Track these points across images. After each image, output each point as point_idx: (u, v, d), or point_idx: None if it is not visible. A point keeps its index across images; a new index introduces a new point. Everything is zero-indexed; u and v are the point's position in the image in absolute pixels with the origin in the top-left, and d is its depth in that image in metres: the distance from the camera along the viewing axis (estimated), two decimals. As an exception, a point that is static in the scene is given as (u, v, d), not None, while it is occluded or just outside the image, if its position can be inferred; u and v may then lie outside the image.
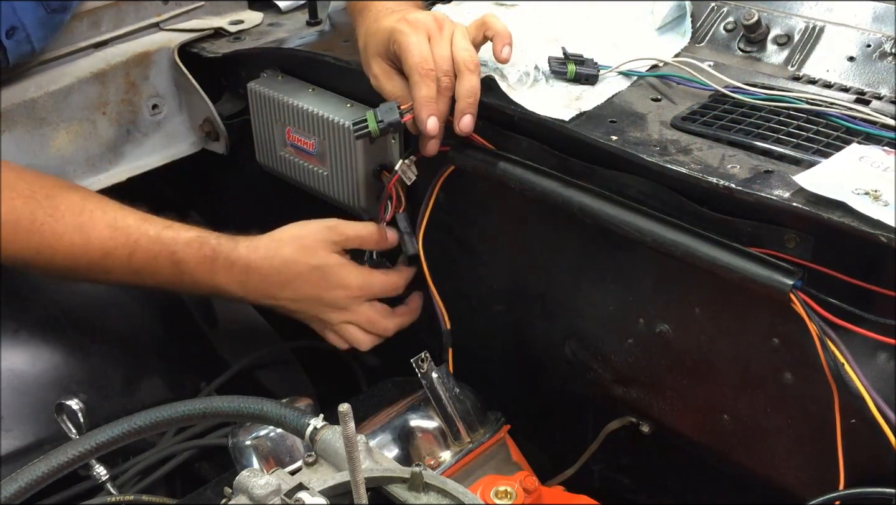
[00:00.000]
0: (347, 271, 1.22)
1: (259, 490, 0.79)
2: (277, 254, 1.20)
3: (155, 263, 1.20)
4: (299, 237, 1.22)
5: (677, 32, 1.28)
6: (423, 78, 1.09)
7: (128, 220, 1.20)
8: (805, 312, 0.90)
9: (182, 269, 1.20)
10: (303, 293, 1.22)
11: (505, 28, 1.13)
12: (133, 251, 1.19)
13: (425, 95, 1.09)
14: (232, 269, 1.20)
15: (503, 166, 1.13)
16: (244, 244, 1.21)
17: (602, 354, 1.19)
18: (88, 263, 1.19)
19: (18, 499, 0.87)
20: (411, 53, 1.09)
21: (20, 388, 1.22)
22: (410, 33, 1.10)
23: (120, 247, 1.19)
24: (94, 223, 1.19)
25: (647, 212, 1.02)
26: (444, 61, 1.10)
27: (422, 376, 1.13)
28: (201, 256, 1.19)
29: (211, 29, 1.54)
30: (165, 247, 1.19)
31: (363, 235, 1.24)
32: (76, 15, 1.44)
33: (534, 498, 1.02)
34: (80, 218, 1.19)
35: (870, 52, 1.15)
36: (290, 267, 1.20)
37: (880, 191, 0.87)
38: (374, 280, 1.24)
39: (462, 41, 1.11)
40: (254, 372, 1.46)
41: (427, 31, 1.11)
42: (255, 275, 1.20)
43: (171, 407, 0.96)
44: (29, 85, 1.39)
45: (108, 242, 1.19)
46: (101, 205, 1.21)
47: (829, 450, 0.94)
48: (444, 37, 1.11)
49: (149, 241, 1.19)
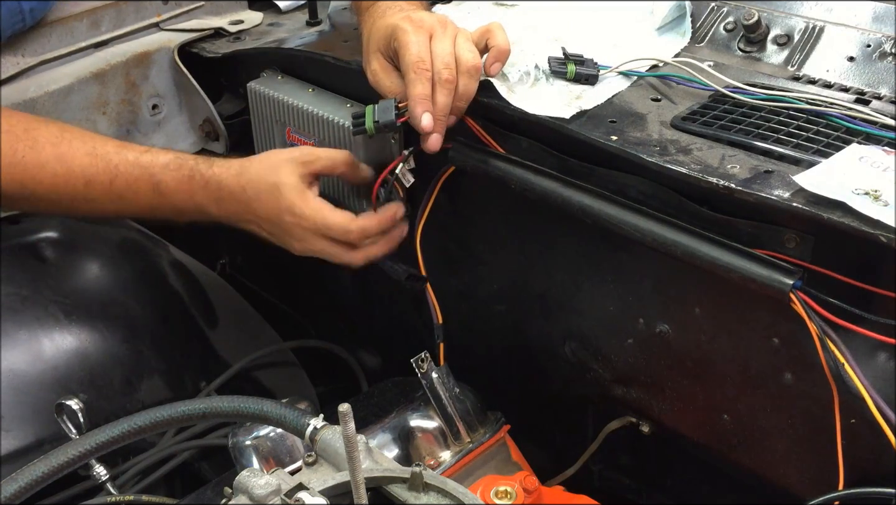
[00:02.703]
0: (299, 197, 1.18)
1: (259, 490, 0.79)
2: (245, 171, 1.20)
3: (136, 187, 1.22)
4: (269, 155, 1.22)
5: (677, 32, 1.28)
6: (418, 75, 1.09)
7: (107, 147, 1.23)
8: (805, 312, 0.90)
9: (162, 190, 1.22)
10: (263, 213, 1.20)
11: (506, 43, 1.12)
12: (114, 177, 1.21)
13: (420, 93, 1.09)
14: (207, 186, 1.21)
15: (503, 166, 1.13)
16: (219, 163, 1.22)
17: (602, 354, 1.19)
18: (72, 193, 1.21)
19: (18, 499, 0.87)
20: (409, 51, 1.09)
21: (20, 388, 1.22)
22: (411, 31, 1.10)
23: (101, 173, 1.21)
24: (74, 152, 1.21)
25: (647, 212, 1.02)
26: (445, 55, 1.09)
27: (422, 376, 1.13)
28: (180, 176, 1.21)
29: (211, 29, 1.54)
30: (145, 170, 1.21)
31: (335, 158, 1.21)
32: (76, 15, 1.44)
33: (534, 498, 1.02)
34: (60, 148, 1.21)
35: (870, 52, 1.15)
36: (253, 184, 1.19)
37: (880, 191, 0.87)
38: (330, 219, 1.18)
39: (466, 42, 1.11)
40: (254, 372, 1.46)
41: (430, 30, 1.11)
42: (227, 192, 1.21)
43: (171, 407, 0.96)
44: (29, 85, 1.39)
45: (90, 170, 1.21)
46: (79, 134, 1.24)
47: (829, 450, 0.94)
48: (448, 35, 1.11)
49: (129, 166, 1.21)
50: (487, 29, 1.14)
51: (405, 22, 1.12)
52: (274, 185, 1.18)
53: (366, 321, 1.59)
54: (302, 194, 1.18)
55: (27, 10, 1.36)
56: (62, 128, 1.24)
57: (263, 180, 1.19)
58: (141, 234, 1.49)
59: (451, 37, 1.11)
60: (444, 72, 1.09)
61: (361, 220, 1.19)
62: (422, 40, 1.10)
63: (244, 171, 1.20)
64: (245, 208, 1.21)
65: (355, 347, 1.61)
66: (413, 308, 1.40)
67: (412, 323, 1.42)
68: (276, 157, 1.21)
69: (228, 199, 1.21)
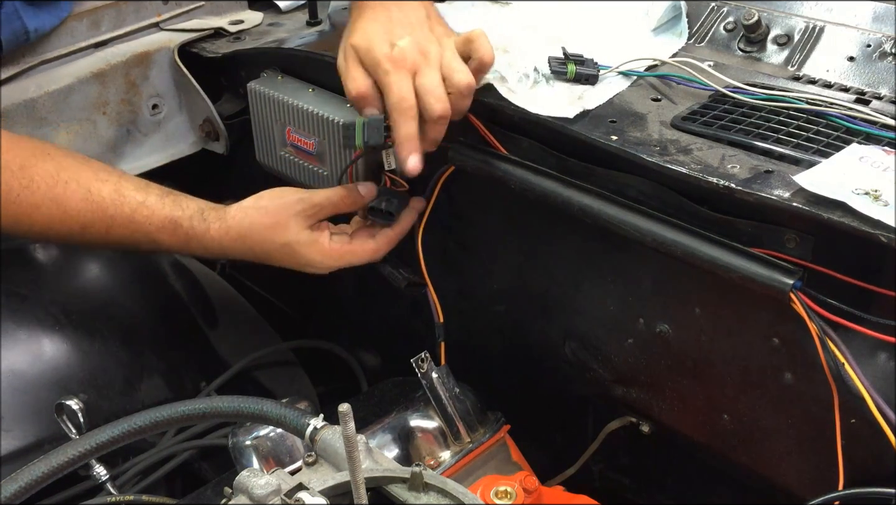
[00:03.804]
0: (315, 251, 1.19)
1: (259, 490, 0.79)
2: (249, 234, 1.20)
3: (133, 239, 1.21)
4: (266, 214, 1.20)
5: (673, 33, 1.28)
6: (403, 116, 1.08)
7: (102, 193, 1.19)
8: (805, 312, 0.90)
9: (160, 245, 1.22)
10: (279, 264, 1.22)
11: (490, 54, 1.09)
12: (110, 227, 1.20)
13: (405, 134, 1.08)
14: (207, 249, 1.22)
15: (503, 166, 1.13)
16: (215, 226, 1.20)
17: (602, 354, 1.19)
18: (68, 233, 1.20)
19: (18, 499, 0.87)
20: (392, 92, 1.08)
21: (20, 388, 1.22)
22: (392, 72, 1.08)
23: (97, 221, 1.19)
24: (69, 196, 1.18)
25: (647, 212, 1.02)
26: (435, 88, 1.08)
27: (422, 376, 1.13)
28: (176, 238, 1.21)
29: (211, 29, 1.54)
30: (141, 227, 1.20)
31: (334, 201, 1.20)
32: (76, 15, 1.44)
33: (534, 498, 1.02)
34: (55, 190, 1.18)
35: (870, 52, 1.15)
36: (261, 246, 1.20)
37: (880, 191, 0.87)
38: (344, 256, 1.20)
39: (453, 62, 1.09)
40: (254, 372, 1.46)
41: (412, 65, 1.08)
42: (231, 251, 1.22)
43: (171, 407, 0.96)
44: (29, 85, 1.39)
45: (86, 216, 1.19)
46: (75, 175, 1.20)
47: (829, 450, 0.94)
48: (432, 65, 1.09)
49: (125, 220, 1.20)
50: (469, 38, 1.11)
51: (386, 61, 1.09)
52: (285, 244, 1.19)
53: (366, 321, 1.59)
54: (317, 246, 1.19)
55: (31, 29, 1.36)
56: (59, 165, 1.20)
57: (271, 241, 1.19)
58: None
59: (436, 66, 1.09)
60: (436, 107, 1.07)
61: (383, 240, 1.21)
62: (402, 78, 1.08)
63: (245, 235, 1.19)
64: (256, 260, 1.22)
65: (355, 347, 1.61)
66: (413, 308, 1.40)
67: (412, 323, 1.42)
68: (277, 216, 1.19)
69: (235, 255, 1.22)
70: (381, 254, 1.22)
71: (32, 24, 1.36)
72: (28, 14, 1.34)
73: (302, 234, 1.18)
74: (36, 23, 1.36)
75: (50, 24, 1.39)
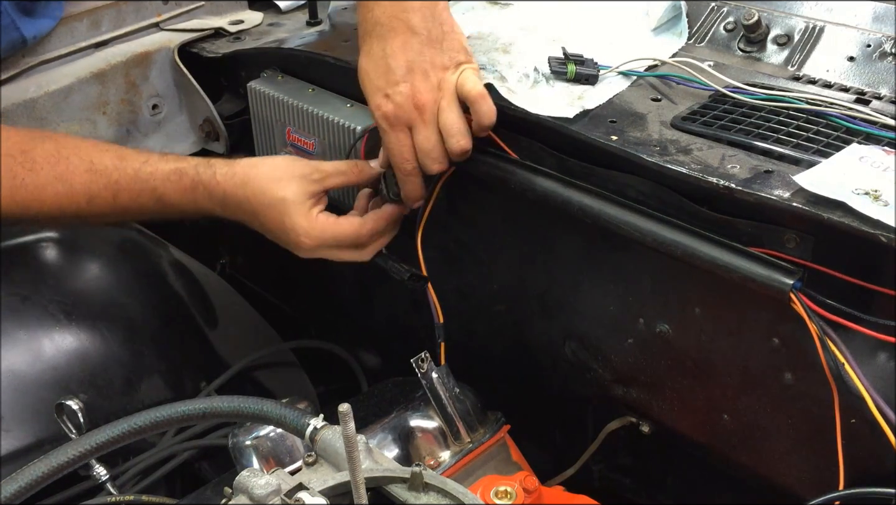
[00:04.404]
0: (303, 216, 1.17)
1: (259, 490, 0.79)
2: (250, 182, 1.18)
3: (139, 200, 1.21)
4: (276, 167, 1.19)
5: (673, 33, 1.28)
6: (407, 176, 1.12)
7: (105, 161, 1.20)
8: (805, 312, 0.90)
9: (165, 202, 1.21)
10: (267, 227, 1.20)
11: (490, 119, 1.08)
12: (116, 192, 1.20)
13: (410, 189, 1.14)
14: (211, 195, 1.20)
15: (503, 166, 1.13)
16: (222, 170, 1.20)
17: (602, 354, 1.19)
18: (76, 210, 1.20)
19: (18, 499, 0.87)
20: (392, 153, 1.11)
21: (20, 388, 1.22)
22: (388, 132, 1.09)
23: (103, 190, 1.20)
24: (73, 170, 1.19)
25: (647, 212, 1.02)
26: (430, 148, 1.09)
27: (422, 376, 1.13)
28: (181, 187, 1.20)
29: (211, 29, 1.54)
30: (146, 183, 1.20)
31: (343, 169, 1.20)
32: (76, 15, 1.44)
33: (534, 498, 1.02)
34: (58, 168, 1.19)
35: (870, 52, 1.15)
36: (258, 197, 1.18)
37: (880, 191, 0.87)
38: (340, 232, 1.18)
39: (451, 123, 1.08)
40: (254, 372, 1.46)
41: (407, 121, 1.08)
42: (231, 200, 1.20)
43: (171, 407, 0.96)
44: (29, 85, 1.39)
45: (91, 187, 1.19)
46: (76, 150, 1.21)
47: (829, 450, 0.94)
48: (428, 122, 1.08)
49: (129, 181, 1.20)
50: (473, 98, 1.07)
51: (381, 119, 1.09)
52: (281, 199, 1.17)
53: (366, 321, 1.59)
54: (308, 214, 1.17)
55: (29, 37, 1.37)
56: (58, 143, 1.21)
57: (269, 194, 1.17)
58: (141, 235, 1.49)
59: (432, 123, 1.08)
60: (433, 168, 1.10)
61: (370, 221, 1.19)
62: (401, 138, 1.09)
63: (249, 181, 1.19)
64: (250, 217, 1.20)
65: (355, 347, 1.61)
66: (413, 308, 1.40)
67: (412, 323, 1.42)
68: (284, 171, 1.18)
69: (233, 207, 1.20)
70: (363, 239, 1.19)
71: (30, 33, 1.36)
72: (25, 24, 1.34)
73: (299, 195, 1.17)
74: (33, 30, 1.37)
75: (47, 28, 1.39)
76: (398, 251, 1.26)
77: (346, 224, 1.17)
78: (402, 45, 1.08)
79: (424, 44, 1.09)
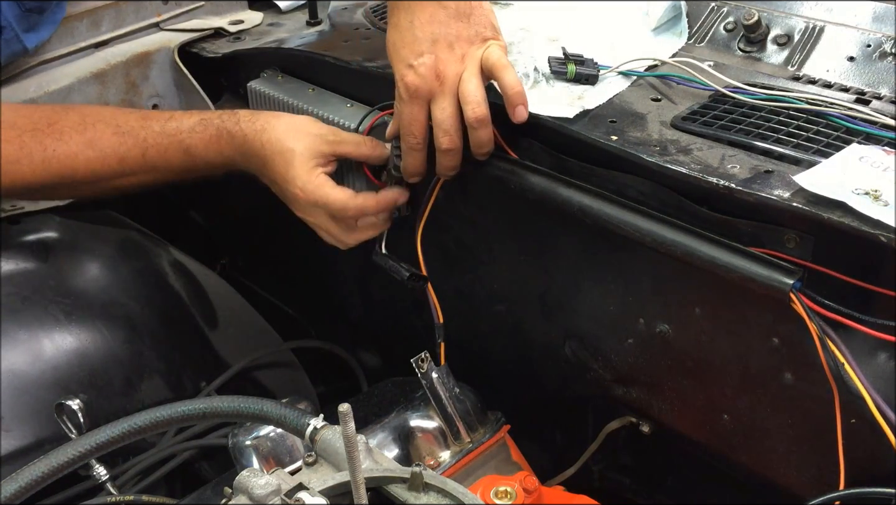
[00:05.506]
0: (308, 172, 1.18)
1: (259, 490, 0.79)
2: (268, 130, 1.21)
3: (167, 155, 1.25)
4: (294, 121, 1.22)
5: (673, 33, 1.28)
6: (411, 150, 1.12)
7: (130, 123, 1.25)
8: (805, 312, 0.90)
9: (193, 153, 1.25)
10: (272, 176, 1.21)
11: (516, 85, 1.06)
12: (145, 150, 1.25)
13: (410, 163, 1.14)
14: (233, 141, 1.23)
15: (503, 166, 1.13)
16: (245, 119, 1.24)
17: (602, 354, 1.19)
18: (109, 173, 1.25)
19: (18, 499, 0.87)
20: (402, 124, 1.11)
21: (20, 388, 1.22)
22: (406, 102, 1.08)
23: (132, 149, 1.24)
24: (101, 134, 1.24)
25: (647, 212, 1.02)
26: (445, 121, 1.07)
27: (422, 376, 1.13)
28: (207, 136, 1.24)
29: (211, 29, 1.54)
30: (173, 137, 1.25)
31: (356, 140, 1.21)
32: (76, 15, 1.44)
33: (534, 498, 1.02)
34: (86, 134, 1.24)
35: (870, 52, 1.15)
36: (272, 144, 1.20)
37: (880, 191, 0.87)
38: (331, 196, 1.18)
39: (469, 91, 1.06)
40: (254, 372, 1.46)
41: (428, 93, 1.07)
42: (249, 147, 1.22)
43: (171, 407, 0.96)
44: (29, 85, 1.40)
45: (121, 148, 1.24)
46: (100, 116, 1.26)
47: (829, 450, 0.94)
48: (447, 92, 1.07)
49: (156, 136, 1.25)
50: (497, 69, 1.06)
51: (403, 88, 1.08)
52: (290, 149, 1.19)
53: (366, 321, 1.59)
54: (310, 169, 1.18)
55: (31, 47, 1.38)
56: (82, 112, 1.27)
57: (282, 142, 1.20)
58: (141, 235, 1.49)
59: (451, 93, 1.07)
60: (443, 140, 1.08)
61: (361, 198, 1.20)
62: (415, 112, 1.08)
63: (268, 129, 1.21)
64: (262, 165, 1.22)
65: (355, 347, 1.61)
66: (413, 308, 1.40)
67: (412, 323, 1.42)
68: (302, 126, 1.21)
69: (250, 154, 1.23)
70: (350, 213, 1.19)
71: (32, 43, 1.38)
72: (28, 37, 1.36)
73: (309, 149, 1.19)
74: (35, 40, 1.38)
75: (48, 34, 1.40)
76: (398, 251, 1.26)
77: (339, 192, 1.19)
78: (429, 17, 1.08)
79: (452, 17, 1.08)
